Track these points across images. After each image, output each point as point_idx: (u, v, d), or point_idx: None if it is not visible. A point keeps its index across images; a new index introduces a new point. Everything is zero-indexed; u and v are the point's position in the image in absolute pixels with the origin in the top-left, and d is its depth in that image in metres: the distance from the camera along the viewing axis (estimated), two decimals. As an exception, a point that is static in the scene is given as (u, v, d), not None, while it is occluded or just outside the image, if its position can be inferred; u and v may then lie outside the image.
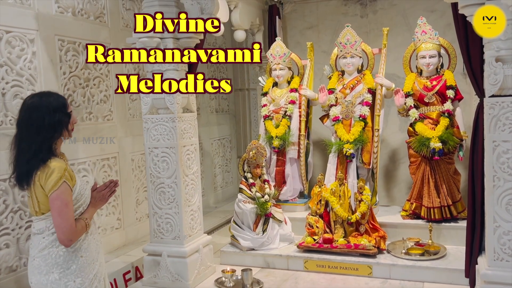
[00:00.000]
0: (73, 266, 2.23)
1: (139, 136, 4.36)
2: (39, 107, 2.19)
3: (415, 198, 4.26)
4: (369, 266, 3.77)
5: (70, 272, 2.22)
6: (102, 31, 4.21)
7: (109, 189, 2.40)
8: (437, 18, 4.87)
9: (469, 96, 4.61)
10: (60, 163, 2.18)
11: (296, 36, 5.65)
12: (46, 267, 2.22)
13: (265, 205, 4.15)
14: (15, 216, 3.32)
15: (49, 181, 2.13)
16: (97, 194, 2.37)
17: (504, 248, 2.80)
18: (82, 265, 2.25)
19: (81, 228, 2.22)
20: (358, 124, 4.34)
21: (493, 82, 2.74)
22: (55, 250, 2.22)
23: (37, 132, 2.17)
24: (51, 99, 2.23)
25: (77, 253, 2.24)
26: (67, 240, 2.16)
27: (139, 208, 4.67)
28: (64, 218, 2.14)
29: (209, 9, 3.55)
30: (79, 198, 2.26)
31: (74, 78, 3.91)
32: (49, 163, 2.16)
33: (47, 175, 2.14)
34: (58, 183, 2.13)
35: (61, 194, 2.14)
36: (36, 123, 2.17)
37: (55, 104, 2.21)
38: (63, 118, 2.22)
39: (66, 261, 2.22)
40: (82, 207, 2.29)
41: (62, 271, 2.21)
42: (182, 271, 3.64)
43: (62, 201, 2.14)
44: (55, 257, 2.22)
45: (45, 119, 2.17)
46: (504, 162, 2.75)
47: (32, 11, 3.51)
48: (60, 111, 2.22)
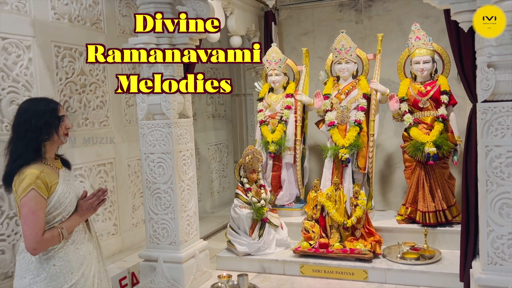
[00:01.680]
0: (43, 274, 2.17)
1: (135, 142, 4.37)
2: (28, 110, 2.20)
3: (410, 203, 4.28)
4: (365, 270, 3.78)
5: (39, 280, 2.16)
6: (99, 37, 4.23)
7: (97, 198, 2.31)
8: (431, 24, 4.92)
9: (463, 101, 4.65)
10: (34, 170, 2.13)
11: (292, 42, 5.68)
12: (20, 271, 2.21)
13: (261, 210, 4.16)
14: (11, 222, 3.32)
15: (20, 186, 2.11)
16: (84, 203, 2.29)
17: (497, 252, 2.82)
18: (54, 274, 2.17)
19: (51, 237, 2.14)
20: (354, 129, 4.36)
21: (485, 88, 2.77)
22: (28, 256, 2.19)
23: (24, 134, 2.17)
24: (42, 103, 2.24)
25: (49, 261, 2.18)
26: (31, 249, 2.10)
27: (135, 214, 4.68)
28: (29, 226, 2.08)
29: (204, 15, 3.57)
30: (58, 206, 2.19)
31: (71, 84, 3.92)
32: (25, 169, 2.13)
33: (20, 181, 2.12)
34: (26, 190, 2.09)
35: (27, 201, 2.09)
36: (24, 125, 2.18)
37: (43, 108, 2.21)
38: (50, 120, 2.21)
39: (37, 268, 2.17)
40: (62, 216, 2.22)
41: (32, 278, 2.17)
42: (178, 276, 3.64)
43: (28, 208, 2.09)
44: (28, 263, 2.19)
45: (32, 121, 2.17)
46: (497, 167, 2.78)
47: (29, 18, 3.53)
48: (48, 113, 2.21)
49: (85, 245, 2.32)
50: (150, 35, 3.53)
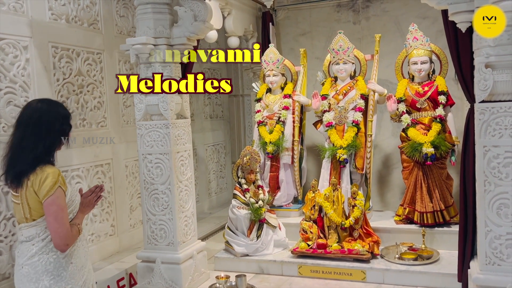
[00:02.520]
0: (63, 273, 2.20)
1: (133, 143, 4.36)
2: (50, 112, 2.24)
3: (408, 203, 4.28)
4: (363, 271, 3.78)
5: (60, 279, 2.19)
6: (96, 38, 4.22)
7: (95, 194, 2.40)
8: (429, 24, 4.92)
9: (460, 102, 4.65)
10: (54, 169, 2.19)
11: (290, 42, 5.69)
12: (35, 274, 2.18)
13: (259, 211, 4.16)
14: (8, 223, 3.30)
15: (44, 186, 2.13)
16: (84, 200, 2.37)
17: (495, 252, 2.82)
18: (73, 272, 2.23)
19: (75, 233, 2.23)
20: (351, 129, 4.36)
21: (483, 88, 2.77)
22: (45, 257, 2.19)
23: (46, 135, 2.20)
24: (60, 108, 2.30)
25: (67, 260, 2.22)
26: (64, 245, 2.16)
27: (133, 215, 4.66)
28: (60, 223, 2.14)
29: (202, 16, 3.57)
30: (70, 204, 2.26)
31: (68, 85, 3.91)
32: (44, 168, 2.16)
33: (41, 181, 2.13)
34: (53, 188, 2.13)
35: (56, 199, 2.13)
36: (46, 126, 2.20)
37: (64, 113, 2.29)
38: (67, 128, 2.29)
39: (57, 268, 2.19)
40: (73, 213, 2.29)
41: (52, 278, 2.18)
42: (176, 277, 3.64)
43: (58, 206, 2.14)
44: (45, 264, 2.19)
45: (56, 124, 2.23)
46: (495, 167, 2.78)
47: (26, 18, 3.52)
48: (67, 120, 2.29)
49: (84, 241, 2.41)
50: (147, 35, 3.52)
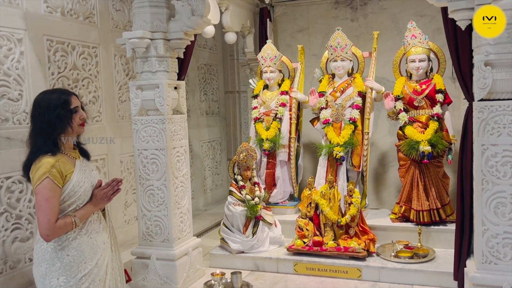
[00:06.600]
0: (57, 263, 2.23)
1: (128, 138, 4.32)
2: (41, 104, 2.26)
3: (404, 201, 4.27)
4: (359, 269, 3.77)
5: (54, 269, 2.23)
6: (92, 31, 4.18)
7: (111, 188, 2.36)
8: (427, 22, 4.91)
9: (457, 100, 4.65)
10: (49, 159, 2.20)
11: (287, 39, 5.66)
12: (37, 259, 2.29)
13: (255, 208, 4.14)
14: (1, 218, 3.26)
15: (35, 174, 2.18)
16: (99, 193, 2.34)
17: (492, 251, 2.81)
18: (68, 264, 2.23)
19: (63, 224, 2.19)
20: (348, 127, 4.35)
21: (482, 86, 2.76)
22: (44, 245, 2.25)
23: (39, 128, 2.23)
24: (54, 96, 2.28)
25: (62, 251, 2.23)
26: (45, 235, 2.17)
27: (127, 211, 4.63)
28: (42, 213, 2.15)
29: (199, 10, 3.53)
30: (72, 195, 2.24)
31: (63, 79, 3.86)
32: (41, 158, 2.20)
33: (36, 169, 2.19)
34: (41, 178, 2.16)
35: (42, 188, 2.15)
36: (39, 119, 2.24)
37: (55, 101, 2.25)
38: (63, 114, 2.25)
39: (52, 258, 2.24)
40: (76, 204, 2.27)
41: (47, 267, 2.24)
42: (171, 274, 3.61)
43: (42, 195, 2.15)
44: (43, 252, 2.26)
45: (45, 115, 2.22)
46: (493, 166, 2.78)
47: (20, 11, 3.46)
48: (60, 107, 2.25)
49: (100, 234, 2.37)
50: (144, 29, 3.49)
